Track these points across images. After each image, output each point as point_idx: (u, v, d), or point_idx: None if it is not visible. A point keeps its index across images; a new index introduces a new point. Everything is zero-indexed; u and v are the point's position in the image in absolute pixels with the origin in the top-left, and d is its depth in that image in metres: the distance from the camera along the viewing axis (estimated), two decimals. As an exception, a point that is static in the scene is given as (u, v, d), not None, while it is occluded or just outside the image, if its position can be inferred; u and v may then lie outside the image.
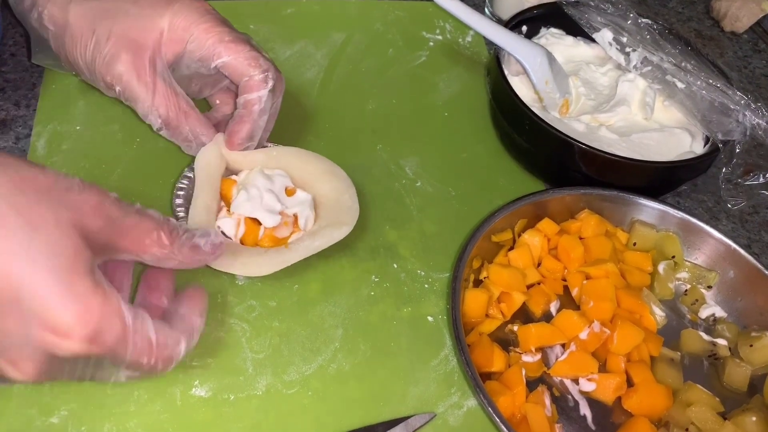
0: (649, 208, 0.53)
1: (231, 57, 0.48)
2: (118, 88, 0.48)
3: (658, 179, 0.55)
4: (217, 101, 0.56)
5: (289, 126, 0.58)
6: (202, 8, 0.49)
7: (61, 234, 0.34)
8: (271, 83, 0.49)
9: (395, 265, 0.51)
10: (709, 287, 0.53)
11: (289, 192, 0.50)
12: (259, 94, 0.48)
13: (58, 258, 0.33)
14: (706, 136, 0.58)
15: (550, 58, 0.60)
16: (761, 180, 0.58)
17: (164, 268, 0.42)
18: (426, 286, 0.51)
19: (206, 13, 0.48)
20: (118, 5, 0.48)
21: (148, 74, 0.47)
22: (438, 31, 0.70)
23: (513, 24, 0.62)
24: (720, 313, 0.52)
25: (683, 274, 0.53)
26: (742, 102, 0.56)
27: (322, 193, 0.51)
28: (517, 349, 0.48)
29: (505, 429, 0.41)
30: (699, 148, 0.58)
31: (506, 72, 0.59)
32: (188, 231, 0.40)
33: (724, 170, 0.56)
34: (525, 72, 0.60)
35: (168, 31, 0.47)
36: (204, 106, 0.56)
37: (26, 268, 0.32)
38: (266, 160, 0.51)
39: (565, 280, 0.52)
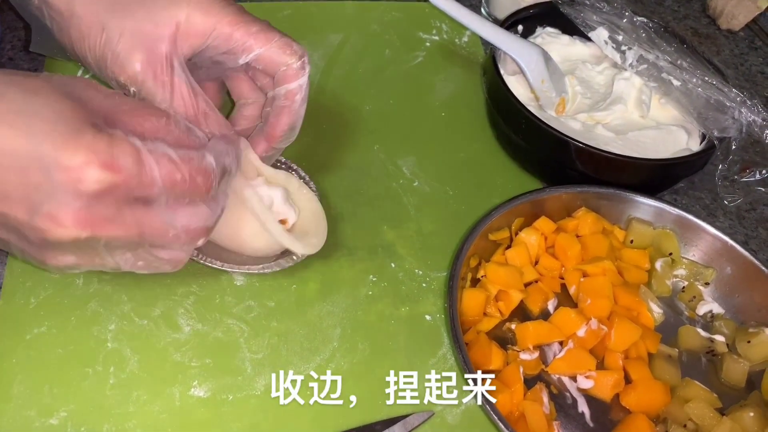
0: (646, 206, 0.54)
1: (264, 48, 0.45)
2: (132, 89, 0.45)
3: (655, 177, 0.56)
4: (241, 100, 0.52)
5: (287, 127, 0.58)
6: (225, 4, 0.45)
7: (57, 96, 0.36)
8: (308, 68, 0.46)
9: (393, 265, 0.52)
10: (707, 284, 0.53)
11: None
12: (299, 83, 0.46)
13: (59, 112, 0.35)
14: (703, 133, 0.58)
15: (546, 57, 0.60)
16: (758, 177, 0.58)
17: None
18: (424, 285, 0.51)
19: (226, 5, 0.45)
20: None
21: (165, 73, 0.44)
22: (434, 32, 0.70)
23: (509, 23, 0.63)
24: (717, 309, 0.52)
25: (680, 271, 0.53)
26: (738, 99, 0.56)
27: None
28: (515, 347, 0.48)
29: (503, 427, 0.41)
30: (695, 146, 0.58)
31: (502, 71, 0.59)
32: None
33: (720, 167, 0.57)
34: (521, 71, 0.60)
35: (185, 24, 0.44)
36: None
37: (32, 123, 0.34)
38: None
39: (562, 278, 0.52)
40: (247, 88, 0.51)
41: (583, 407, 0.46)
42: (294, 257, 0.48)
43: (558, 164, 0.56)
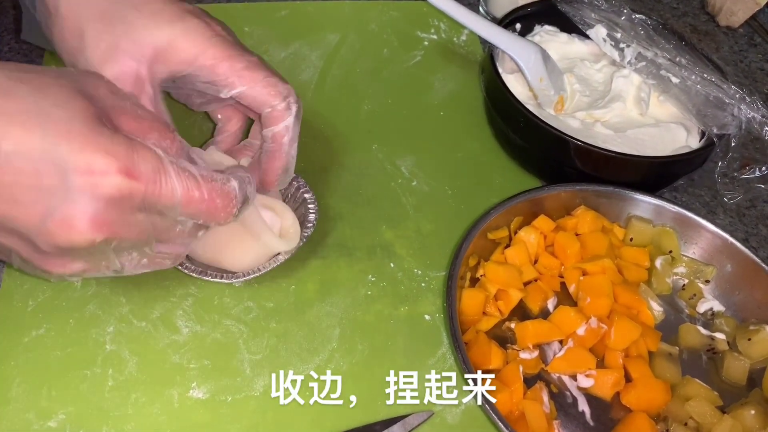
0: (645, 203, 0.53)
1: (247, 87, 0.44)
2: None
3: (654, 174, 0.55)
4: (219, 116, 0.52)
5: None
6: (210, 30, 0.43)
7: (69, 93, 0.35)
8: (294, 108, 0.45)
9: (392, 265, 0.51)
10: (707, 281, 0.53)
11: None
12: (285, 124, 0.45)
13: (72, 111, 0.34)
14: (702, 130, 0.58)
15: (545, 55, 0.60)
16: (757, 174, 0.58)
17: None
18: (423, 284, 0.51)
19: (214, 35, 0.43)
20: (116, 7, 0.43)
21: (133, 92, 0.43)
22: (432, 31, 0.70)
23: (507, 22, 0.62)
24: (718, 307, 0.52)
25: (680, 269, 0.53)
26: (737, 96, 0.56)
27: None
28: (515, 346, 0.48)
29: (503, 426, 0.41)
30: (695, 143, 0.58)
31: (501, 70, 0.59)
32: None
33: (720, 164, 0.56)
34: (519, 70, 0.60)
35: (167, 50, 0.43)
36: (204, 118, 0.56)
37: (45, 123, 0.33)
38: None
39: (561, 276, 0.52)
40: (229, 108, 0.51)
41: (583, 406, 0.46)
42: (280, 255, 0.48)
43: (557, 162, 0.56)
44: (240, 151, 0.50)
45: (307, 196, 0.51)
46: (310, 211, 0.50)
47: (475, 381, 0.42)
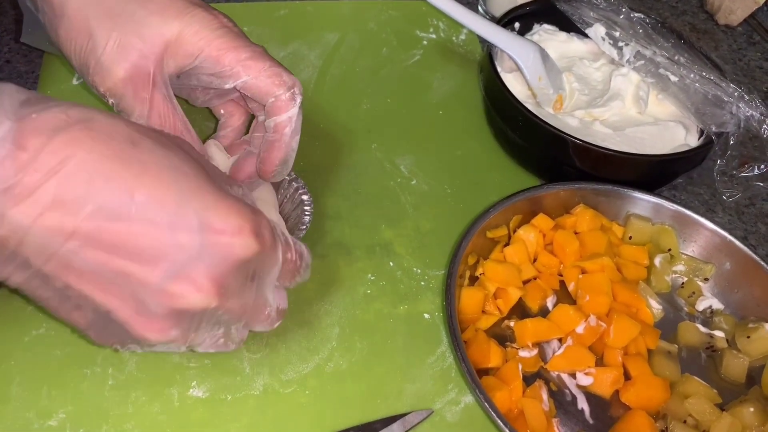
0: (644, 202, 0.53)
1: (251, 77, 0.43)
2: (111, 101, 0.44)
3: (653, 173, 0.56)
4: (222, 111, 0.51)
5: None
6: (216, 22, 0.44)
7: (183, 152, 0.35)
8: (299, 99, 0.45)
9: (391, 263, 0.51)
10: (706, 279, 0.53)
11: None
12: (288, 115, 0.44)
13: (195, 169, 0.35)
14: (701, 128, 0.58)
15: (543, 54, 0.60)
16: (756, 172, 0.58)
17: None
18: (422, 283, 0.51)
19: (220, 27, 0.44)
20: (123, 4, 0.43)
21: (146, 89, 0.43)
22: (431, 30, 0.70)
23: (506, 21, 0.63)
24: (717, 305, 0.52)
25: (679, 267, 0.53)
26: (736, 94, 0.56)
27: None
28: (514, 345, 0.48)
29: (502, 424, 0.41)
30: (693, 141, 0.58)
31: (499, 69, 0.59)
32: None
33: (719, 162, 0.56)
34: (518, 68, 0.60)
35: (175, 44, 0.43)
36: (204, 117, 0.56)
37: (177, 177, 0.33)
38: None
39: (561, 275, 0.52)
40: (231, 104, 0.51)
41: (582, 404, 0.46)
42: None
43: (556, 161, 0.56)
44: (239, 146, 0.50)
45: (304, 198, 0.50)
46: (306, 213, 0.50)
47: (474, 379, 0.42)
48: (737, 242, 0.51)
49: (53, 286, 0.33)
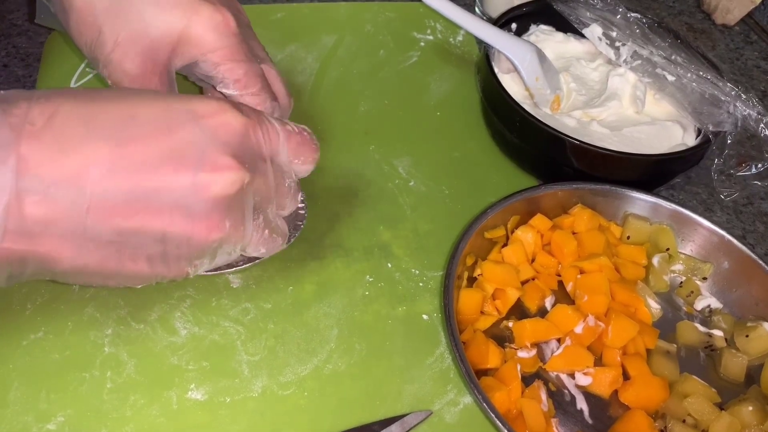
0: (642, 201, 0.53)
1: (237, 92, 0.46)
2: None
3: (651, 172, 0.56)
4: (209, 95, 0.51)
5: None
6: (224, 25, 0.44)
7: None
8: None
9: (389, 265, 0.51)
10: (704, 279, 0.53)
11: None
12: None
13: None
14: (698, 128, 0.58)
15: (540, 54, 0.60)
16: (754, 171, 0.58)
17: None
18: (420, 284, 0.51)
19: (226, 32, 0.44)
20: (133, 1, 0.43)
21: (152, 86, 0.44)
22: (429, 31, 0.70)
23: (502, 22, 0.63)
24: (716, 304, 0.52)
25: (678, 266, 0.53)
26: (733, 93, 0.56)
27: None
28: (513, 345, 0.48)
29: (500, 425, 0.41)
30: (691, 141, 0.58)
31: (497, 70, 0.59)
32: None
33: (716, 162, 0.56)
34: (515, 69, 0.60)
35: (182, 42, 0.44)
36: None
37: (155, 96, 0.37)
38: None
39: (559, 275, 0.52)
40: (216, 93, 0.51)
41: (581, 404, 0.46)
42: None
43: (553, 161, 0.56)
44: None
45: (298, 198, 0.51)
46: (300, 209, 0.50)
47: (472, 380, 0.42)
48: (735, 241, 0.51)
49: (104, 241, 0.35)
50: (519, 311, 0.50)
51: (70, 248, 0.34)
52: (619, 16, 0.62)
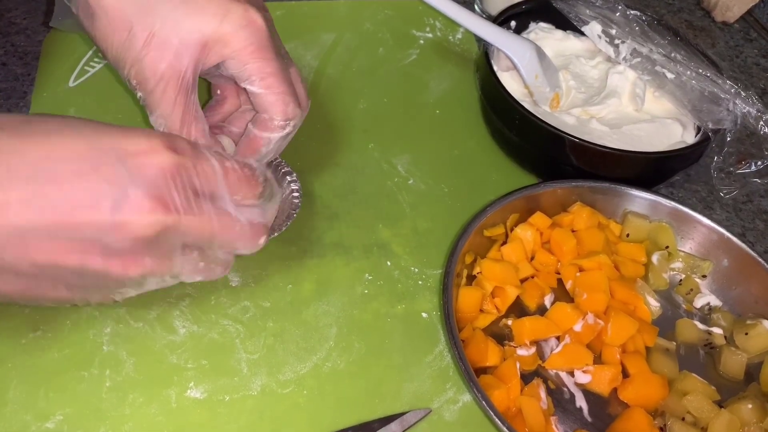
0: (641, 199, 0.53)
1: (263, 91, 0.45)
2: (139, 94, 0.45)
3: (650, 170, 0.55)
4: (219, 92, 0.51)
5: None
6: (255, 27, 0.44)
7: (79, 119, 0.38)
8: (288, 130, 0.47)
9: (389, 263, 0.51)
10: (704, 276, 0.53)
11: None
12: (270, 136, 0.46)
13: (95, 122, 0.37)
14: (698, 125, 0.58)
15: (540, 52, 0.60)
16: (753, 168, 0.58)
17: None
18: (420, 282, 0.51)
19: (258, 34, 0.44)
20: (161, 2, 0.43)
21: (175, 90, 0.44)
22: (428, 29, 0.70)
23: (502, 19, 0.63)
24: (715, 302, 0.52)
25: (677, 264, 0.53)
26: (732, 91, 0.56)
27: None
28: (512, 343, 0.48)
29: (500, 423, 0.41)
30: (690, 138, 0.58)
31: (496, 68, 0.59)
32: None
33: (716, 159, 0.56)
34: (515, 67, 0.60)
35: (211, 44, 0.43)
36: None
37: (81, 132, 0.36)
38: None
39: (558, 273, 0.52)
40: (231, 89, 0.51)
41: (580, 402, 0.46)
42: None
43: (553, 159, 0.56)
44: (218, 128, 0.51)
45: (294, 186, 0.51)
46: (294, 198, 0.50)
47: (472, 378, 0.42)
48: (735, 239, 0.51)
49: (22, 273, 0.35)
50: (518, 309, 0.50)
51: None
52: (618, 14, 0.62)
